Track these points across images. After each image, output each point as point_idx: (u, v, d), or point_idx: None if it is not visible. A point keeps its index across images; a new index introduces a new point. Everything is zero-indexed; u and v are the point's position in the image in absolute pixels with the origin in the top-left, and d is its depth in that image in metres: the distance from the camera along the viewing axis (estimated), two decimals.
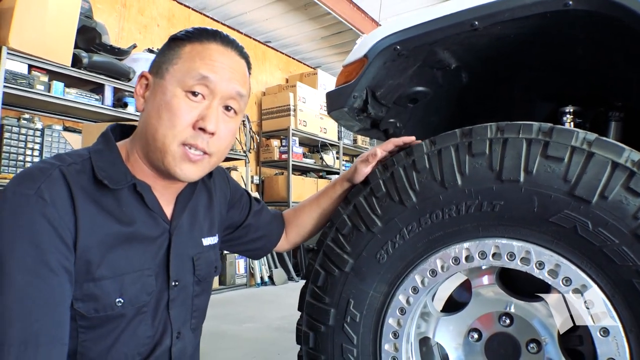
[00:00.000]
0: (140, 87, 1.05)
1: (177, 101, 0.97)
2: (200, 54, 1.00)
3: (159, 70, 1.02)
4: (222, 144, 1.04)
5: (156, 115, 0.98)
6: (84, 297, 0.93)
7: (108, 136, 1.06)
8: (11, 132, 3.86)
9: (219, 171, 1.32)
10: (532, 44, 1.31)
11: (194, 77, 0.98)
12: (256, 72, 7.59)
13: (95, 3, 4.92)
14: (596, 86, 1.47)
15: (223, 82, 1.00)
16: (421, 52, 1.34)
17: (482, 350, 1.18)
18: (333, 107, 1.45)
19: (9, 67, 3.71)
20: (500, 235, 1.05)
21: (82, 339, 0.95)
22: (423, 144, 1.15)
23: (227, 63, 1.02)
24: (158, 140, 0.98)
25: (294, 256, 7.05)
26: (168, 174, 1.01)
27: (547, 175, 0.98)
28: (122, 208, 0.99)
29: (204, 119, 0.98)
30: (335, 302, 1.22)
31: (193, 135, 0.98)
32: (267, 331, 3.80)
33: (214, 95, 1.00)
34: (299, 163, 7.22)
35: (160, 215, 1.06)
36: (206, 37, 1.03)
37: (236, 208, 1.37)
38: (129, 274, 0.98)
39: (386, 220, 1.16)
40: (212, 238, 1.23)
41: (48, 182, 0.89)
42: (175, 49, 1.02)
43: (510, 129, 1.05)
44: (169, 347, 1.07)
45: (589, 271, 0.96)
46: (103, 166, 0.99)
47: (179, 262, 1.09)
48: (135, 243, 1.00)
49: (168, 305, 1.07)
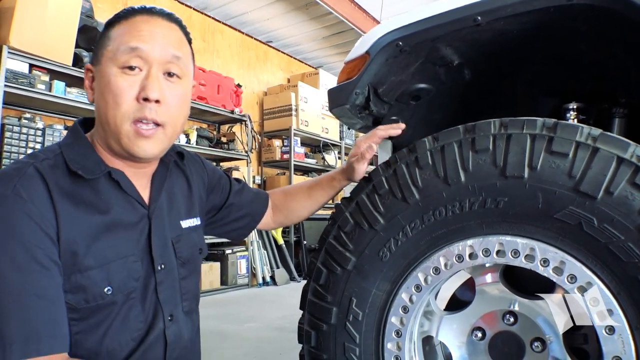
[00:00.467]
0: (87, 80, 1.06)
1: (115, 79, 0.97)
2: (127, 29, 1.00)
3: (97, 58, 1.02)
4: (171, 111, 1.02)
5: (102, 100, 0.98)
6: (72, 289, 0.93)
7: (76, 129, 1.07)
8: (12, 131, 3.86)
9: (193, 157, 1.33)
10: (535, 38, 1.29)
11: (125, 51, 0.97)
12: (258, 72, 7.58)
13: (96, 3, 4.92)
14: (598, 80, 1.46)
15: (155, 48, 0.99)
16: (423, 48, 1.33)
17: (485, 349, 1.17)
18: (335, 104, 1.44)
19: (9, 67, 3.72)
20: (504, 233, 1.03)
21: (75, 330, 0.95)
22: (426, 140, 1.14)
23: (155, 30, 1.01)
24: (110, 124, 0.98)
25: (296, 256, 7.04)
26: (128, 155, 1.02)
27: (551, 171, 0.96)
28: (101, 197, 1.00)
29: (144, 89, 0.97)
30: (338, 300, 1.21)
31: (139, 108, 0.97)
32: (268, 331, 3.79)
33: (149, 64, 0.99)
34: (300, 163, 7.22)
35: (138, 200, 1.07)
36: (132, 13, 1.02)
37: (216, 191, 1.37)
38: (114, 262, 0.99)
39: (389, 218, 1.15)
40: (192, 220, 1.23)
41: (23, 180, 0.90)
42: (106, 33, 1.02)
43: (514, 124, 1.03)
44: (162, 330, 1.07)
45: (594, 268, 0.94)
46: (75, 158, 0.99)
47: (161, 246, 1.09)
48: (117, 230, 1.01)
49: (156, 289, 1.07)
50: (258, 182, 7.17)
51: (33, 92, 3.88)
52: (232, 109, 6.17)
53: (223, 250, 5.97)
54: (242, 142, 6.46)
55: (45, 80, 3.96)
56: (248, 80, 7.29)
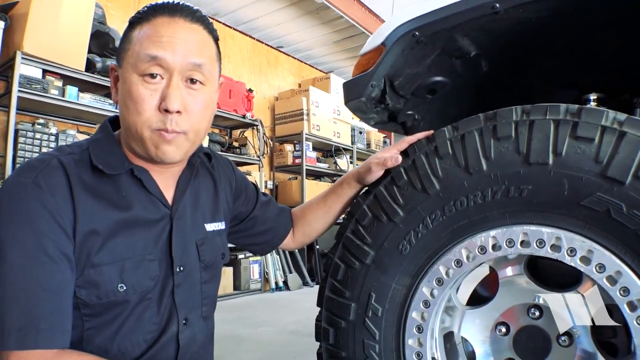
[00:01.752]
0: (112, 79, 1.05)
1: (136, 88, 0.95)
2: (146, 33, 0.96)
3: (119, 59, 1.01)
4: (193, 119, 1.00)
5: (124, 105, 0.98)
6: (85, 284, 0.92)
7: (106, 126, 1.07)
8: (26, 136, 3.88)
9: (223, 160, 1.31)
10: (554, 27, 1.26)
11: (144, 59, 0.94)
12: (269, 77, 7.60)
13: (109, 9, 4.96)
14: (619, 70, 1.43)
15: (175, 57, 0.95)
16: (440, 38, 1.30)
17: (510, 345, 1.14)
18: (350, 97, 1.42)
19: (23, 72, 3.74)
20: (528, 222, 1.00)
21: (87, 327, 0.94)
22: (445, 129, 1.11)
23: (176, 35, 0.96)
24: (131, 129, 0.97)
25: (309, 261, 7.02)
26: (152, 159, 1.01)
27: (577, 157, 0.93)
28: (122, 193, 0.99)
29: (165, 99, 0.95)
30: (356, 296, 1.19)
31: (161, 119, 0.96)
32: (282, 335, 3.77)
33: (170, 73, 0.96)
34: (312, 167, 7.20)
35: (161, 199, 1.06)
36: (152, 13, 0.98)
37: (242, 198, 1.34)
38: (129, 259, 0.97)
39: (408, 210, 1.12)
40: (217, 224, 1.21)
41: (45, 171, 0.91)
42: (128, 34, 0.99)
43: (537, 110, 1.00)
44: (175, 333, 1.05)
45: (624, 257, 0.91)
46: (100, 154, 0.99)
47: (182, 247, 1.07)
48: (136, 228, 1.00)
49: (173, 292, 1.05)
50: (270, 186, 7.16)
51: (46, 97, 3.89)
52: (243, 113, 6.17)
53: (236, 255, 5.97)
54: (254, 146, 6.46)
55: (59, 86, 3.98)
56: (259, 85, 7.30)
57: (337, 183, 1.39)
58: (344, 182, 1.36)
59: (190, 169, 1.15)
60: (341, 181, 1.37)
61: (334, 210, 1.39)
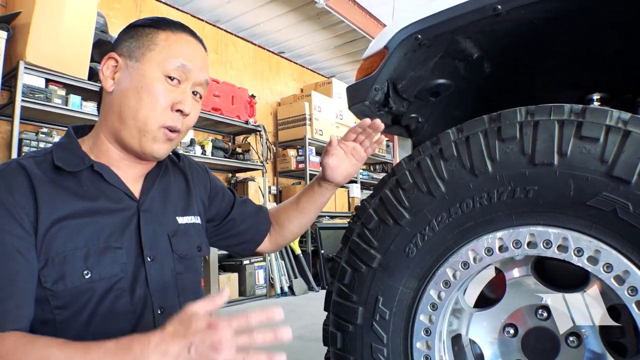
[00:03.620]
0: (108, 68, 1.09)
1: (157, 84, 1.05)
2: (176, 42, 1.09)
3: (132, 53, 1.08)
4: (190, 123, 1.14)
5: (135, 96, 1.05)
6: (51, 273, 0.96)
7: (69, 132, 1.14)
8: (30, 146, 3.90)
9: (198, 165, 1.39)
10: (556, 28, 1.27)
11: (174, 63, 1.07)
12: (271, 83, 7.61)
13: (110, 18, 4.98)
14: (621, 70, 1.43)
15: (196, 70, 1.11)
16: (442, 41, 1.31)
17: (518, 346, 1.13)
18: (354, 101, 1.42)
19: (26, 82, 3.76)
20: (535, 223, 1.00)
21: (58, 319, 0.98)
22: (450, 131, 1.11)
23: (198, 53, 1.13)
24: (139, 121, 1.05)
25: (314, 266, 7.01)
26: (140, 152, 1.09)
27: (582, 157, 0.93)
28: (84, 188, 1.05)
29: (181, 103, 1.08)
30: (363, 299, 1.19)
31: (172, 118, 1.08)
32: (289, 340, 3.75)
33: (188, 81, 1.10)
34: (316, 172, 7.17)
35: (124, 191, 1.11)
36: (175, 27, 1.12)
37: (218, 199, 1.38)
38: (94, 246, 1.01)
39: (414, 212, 1.13)
40: (191, 217, 1.24)
41: (5, 173, 0.98)
42: (149, 35, 1.09)
43: (541, 111, 1.01)
44: (151, 322, 1.07)
45: (631, 256, 0.91)
46: (61, 155, 1.06)
47: (151, 238, 1.11)
48: (99, 216, 1.04)
49: (147, 281, 1.08)
50: (274, 192, 7.17)
51: (50, 106, 3.92)
52: (246, 119, 6.18)
53: (241, 261, 5.96)
54: (257, 152, 6.46)
55: (62, 95, 4.00)
56: (261, 91, 7.31)
57: (308, 186, 1.44)
58: (314, 184, 1.42)
59: (158, 166, 1.21)
60: (312, 183, 1.43)
61: (308, 211, 1.44)
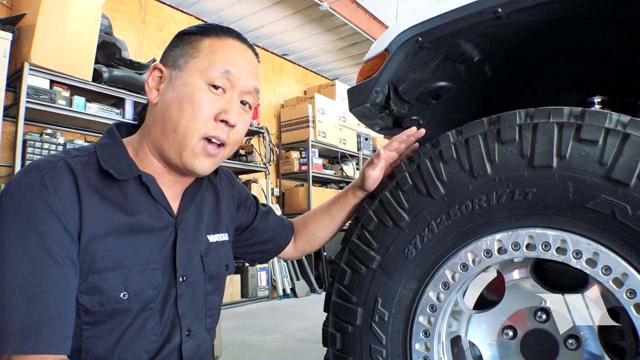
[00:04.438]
0: (153, 80, 1.04)
1: (200, 93, 0.98)
2: (221, 48, 1.02)
3: (176, 63, 1.02)
4: (237, 136, 1.06)
5: (177, 107, 0.98)
6: (88, 290, 0.90)
7: (113, 131, 1.07)
8: (34, 147, 3.93)
9: (225, 172, 1.32)
10: (557, 31, 1.27)
11: (218, 70, 0.99)
12: (274, 85, 7.63)
13: (115, 20, 5.01)
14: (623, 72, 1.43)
15: (243, 77, 1.03)
16: (443, 44, 1.31)
17: (517, 349, 1.13)
18: (355, 103, 1.42)
19: (31, 83, 3.79)
20: (533, 225, 1.01)
21: (87, 335, 0.92)
22: (449, 134, 1.12)
23: (245, 59, 1.05)
24: (179, 132, 0.98)
25: (316, 268, 7.01)
26: (182, 168, 1.02)
27: (581, 160, 0.93)
28: (129, 199, 0.99)
29: (226, 112, 1.00)
30: (363, 301, 1.19)
31: (215, 127, 1.00)
32: (290, 341, 3.77)
33: (234, 89, 1.02)
34: (319, 174, 7.21)
35: (166, 208, 1.05)
36: (222, 32, 1.05)
37: (243, 209, 1.34)
38: (134, 267, 0.96)
39: (414, 214, 1.13)
40: (220, 235, 1.20)
41: (52, 172, 0.89)
42: (193, 43, 1.02)
43: (540, 114, 1.01)
44: (178, 345, 1.04)
45: (630, 258, 0.91)
46: (108, 158, 0.99)
47: (186, 257, 1.07)
48: (141, 235, 0.99)
49: (176, 302, 1.04)
50: (277, 194, 7.18)
51: (54, 107, 3.94)
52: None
53: (243, 262, 5.97)
54: (260, 154, 6.48)
55: (66, 96, 4.02)
56: (265, 93, 7.33)
57: (342, 193, 1.39)
58: (348, 191, 1.36)
59: (198, 181, 1.16)
60: (345, 191, 1.38)
61: (338, 220, 1.40)
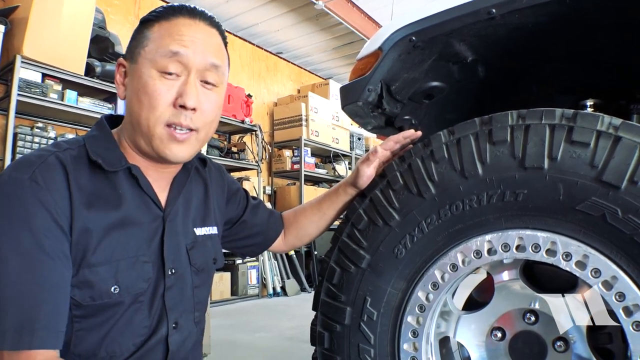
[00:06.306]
0: (120, 75, 1.04)
1: (153, 82, 0.95)
2: (168, 30, 0.98)
3: (132, 55, 1.00)
4: (206, 118, 1.02)
5: (136, 100, 0.97)
6: (79, 284, 0.90)
7: (102, 123, 1.06)
8: (24, 140, 3.89)
9: (215, 165, 1.31)
10: (551, 33, 1.27)
11: (165, 54, 0.95)
12: (268, 83, 7.61)
13: (109, 14, 4.97)
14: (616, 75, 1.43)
15: (196, 55, 0.98)
16: (437, 43, 1.31)
17: (505, 350, 1.13)
18: (347, 101, 1.42)
19: (22, 76, 3.76)
20: (524, 226, 1.00)
21: (77, 328, 0.92)
22: (441, 133, 1.11)
23: (197, 35, 0.99)
24: (142, 125, 0.97)
25: (307, 267, 7.00)
26: (158, 157, 1.01)
27: (572, 162, 0.93)
28: (118, 191, 0.98)
29: (182, 96, 0.96)
30: (351, 300, 1.18)
31: (175, 114, 0.97)
32: (280, 340, 3.76)
33: (188, 70, 0.98)
34: (311, 173, 7.20)
35: (155, 200, 1.05)
36: (172, 13, 1.00)
37: (233, 202, 1.34)
38: (124, 260, 0.96)
39: (404, 214, 1.12)
40: (208, 228, 1.19)
41: (43, 167, 0.89)
42: (145, 31, 1.00)
43: (532, 115, 1.01)
44: (164, 337, 1.03)
45: (620, 262, 0.91)
46: (97, 150, 0.98)
47: (174, 250, 1.06)
48: (129, 228, 0.98)
49: (164, 295, 1.04)
50: (268, 192, 7.16)
51: (45, 101, 3.90)
52: (242, 119, 6.18)
53: (234, 260, 5.95)
54: (253, 152, 6.46)
55: (58, 90, 3.98)
56: (258, 91, 7.31)
57: (333, 190, 1.39)
58: (340, 188, 1.36)
59: (185, 172, 1.15)
60: (337, 188, 1.37)
61: (328, 216, 1.39)
